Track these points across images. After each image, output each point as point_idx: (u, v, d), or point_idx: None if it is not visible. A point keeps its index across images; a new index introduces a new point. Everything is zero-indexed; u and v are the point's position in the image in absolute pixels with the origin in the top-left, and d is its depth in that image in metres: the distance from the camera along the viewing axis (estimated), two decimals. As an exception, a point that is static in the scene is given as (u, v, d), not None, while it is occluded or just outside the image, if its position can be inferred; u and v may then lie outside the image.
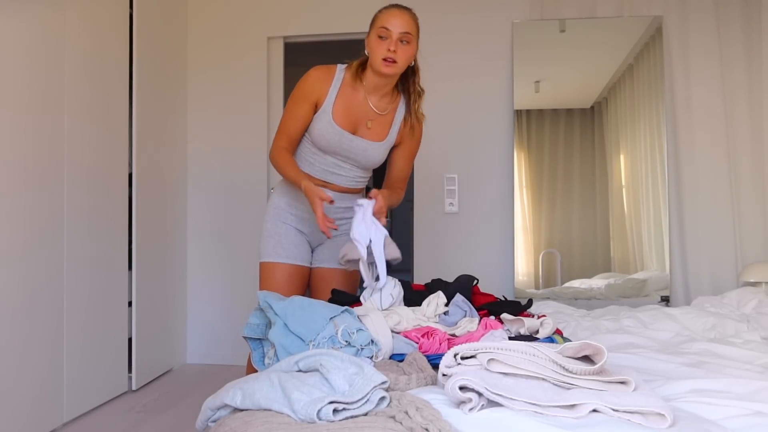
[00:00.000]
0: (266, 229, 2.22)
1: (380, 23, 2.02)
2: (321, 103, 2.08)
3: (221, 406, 1.35)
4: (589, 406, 1.17)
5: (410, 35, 2.03)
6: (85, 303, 2.99)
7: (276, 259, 2.17)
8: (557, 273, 3.73)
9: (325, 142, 2.10)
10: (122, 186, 3.34)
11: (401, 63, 2.03)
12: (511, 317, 1.83)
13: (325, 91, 2.07)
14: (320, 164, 2.17)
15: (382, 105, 2.14)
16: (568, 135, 3.79)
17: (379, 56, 2.01)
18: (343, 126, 2.09)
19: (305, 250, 2.23)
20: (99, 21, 3.14)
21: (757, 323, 2.32)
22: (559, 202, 3.78)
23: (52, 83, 2.78)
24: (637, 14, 3.68)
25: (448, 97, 3.86)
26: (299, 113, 2.10)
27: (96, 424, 2.91)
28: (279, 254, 2.17)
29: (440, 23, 3.87)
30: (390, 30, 1.99)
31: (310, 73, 2.10)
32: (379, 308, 1.88)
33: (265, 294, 1.77)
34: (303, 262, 2.21)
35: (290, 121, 2.12)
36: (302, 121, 2.11)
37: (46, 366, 2.72)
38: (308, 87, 2.08)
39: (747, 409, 1.29)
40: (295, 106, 2.10)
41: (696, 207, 3.60)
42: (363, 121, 2.11)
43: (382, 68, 2.02)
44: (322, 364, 1.32)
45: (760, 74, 3.58)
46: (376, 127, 2.14)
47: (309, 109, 2.09)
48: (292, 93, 2.12)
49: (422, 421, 1.11)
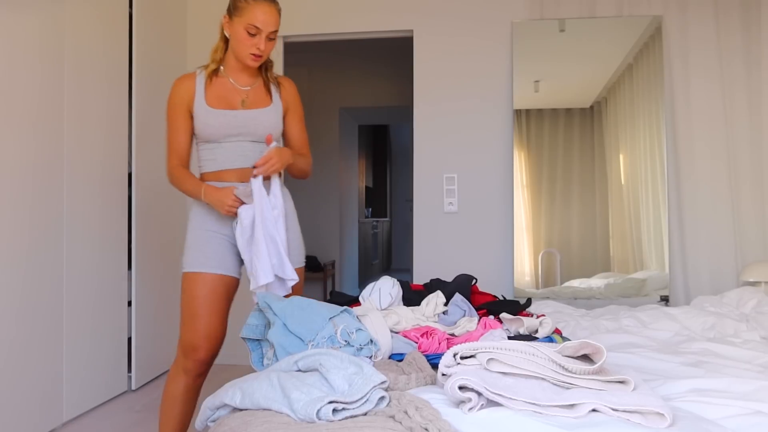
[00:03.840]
0: (188, 238, 2.12)
1: (250, 19, 2.00)
2: (193, 104, 2.09)
3: (221, 405, 1.35)
4: (588, 405, 1.17)
5: (276, 32, 2.08)
6: (85, 303, 2.99)
7: (198, 268, 2.05)
8: (557, 272, 3.73)
9: (212, 129, 2.08)
10: (122, 186, 3.34)
11: (266, 56, 2.12)
12: (510, 317, 1.83)
13: (191, 91, 2.09)
14: (222, 155, 2.11)
15: (249, 81, 2.17)
16: (567, 134, 3.79)
17: (247, 51, 2.05)
18: (221, 107, 2.09)
19: (232, 260, 2.11)
20: (99, 21, 3.14)
21: (757, 323, 2.32)
22: (559, 202, 3.78)
23: (52, 83, 2.78)
24: (637, 14, 3.68)
25: (447, 97, 3.86)
26: (180, 125, 2.10)
27: (96, 423, 2.92)
28: (201, 263, 2.06)
29: (440, 23, 3.87)
30: (261, 29, 2.02)
31: (174, 86, 2.12)
32: (378, 308, 1.88)
33: (264, 294, 1.77)
34: (229, 271, 2.09)
35: (174, 137, 2.11)
36: (185, 131, 2.11)
37: (46, 365, 2.72)
38: (177, 97, 2.10)
39: (746, 409, 1.29)
40: (173, 120, 2.11)
41: (695, 206, 3.60)
42: (237, 100, 2.12)
43: (250, 62, 2.08)
44: (322, 364, 1.32)
45: (760, 72, 3.58)
46: (252, 98, 2.14)
47: (187, 117, 2.10)
48: (166, 113, 2.14)
49: (422, 421, 1.11)
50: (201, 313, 2.03)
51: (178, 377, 2.06)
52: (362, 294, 1.98)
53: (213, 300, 2.05)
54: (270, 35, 2.05)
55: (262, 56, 2.08)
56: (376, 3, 3.95)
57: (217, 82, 2.12)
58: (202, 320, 2.03)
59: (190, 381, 2.06)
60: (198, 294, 2.04)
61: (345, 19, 3.98)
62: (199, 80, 2.11)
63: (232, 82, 2.13)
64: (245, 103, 2.12)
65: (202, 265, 2.06)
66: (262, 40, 2.03)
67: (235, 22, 2.04)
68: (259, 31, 2.02)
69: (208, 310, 2.04)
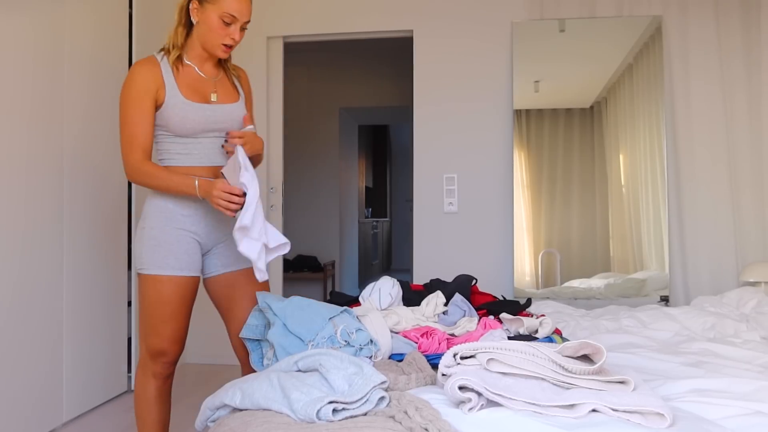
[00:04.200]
0: (152, 236, 1.91)
1: (227, 8, 1.87)
2: (162, 93, 1.90)
3: (220, 406, 1.35)
4: (588, 405, 1.17)
5: (248, 22, 1.95)
6: (84, 303, 2.99)
7: (167, 271, 1.89)
8: (557, 273, 3.73)
9: (192, 123, 1.92)
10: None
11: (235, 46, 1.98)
12: (510, 317, 1.83)
13: (159, 80, 1.90)
14: (199, 150, 1.97)
15: (213, 72, 2.02)
16: (567, 135, 3.79)
17: (219, 41, 1.91)
18: (197, 101, 1.94)
19: (197, 259, 1.97)
20: (99, 21, 3.14)
21: (757, 323, 2.32)
22: (559, 202, 3.78)
23: (52, 83, 2.78)
24: (637, 14, 3.68)
25: (447, 97, 3.86)
26: (145, 115, 1.89)
27: (96, 423, 2.91)
28: (171, 265, 1.90)
29: (440, 23, 3.87)
30: (237, 19, 1.89)
31: (136, 71, 1.91)
32: (378, 308, 1.88)
33: (264, 294, 1.77)
34: (195, 272, 1.96)
35: (138, 128, 1.88)
36: (150, 122, 1.90)
37: (46, 366, 2.72)
38: (142, 84, 1.88)
39: (746, 409, 1.29)
40: (137, 110, 1.88)
41: (695, 207, 3.60)
42: (208, 91, 1.98)
43: (221, 53, 1.95)
44: (322, 364, 1.32)
45: (760, 73, 3.58)
46: (221, 91, 2.01)
47: (152, 107, 1.90)
48: (123, 101, 1.91)
49: (421, 421, 1.11)
50: (172, 318, 1.92)
51: (147, 382, 1.98)
52: (362, 294, 1.98)
53: (184, 304, 1.94)
54: (244, 25, 1.95)
55: (233, 47, 1.95)
56: (376, 3, 3.95)
57: (184, 72, 1.95)
58: (172, 325, 1.92)
59: (160, 383, 1.99)
60: (170, 299, 1.90)
61: (345, 19, 3.98)
62: (165, 68, 1.92)
63: (199, 72, 1.98)
64: (217, 97, 1.99)
65: (174, 268, 1.90)
66: (236, 30, 1.92)
67: (207, 9, 1.89)
68: (235, 20, 1.90)
69: (179, 315, 1.93)
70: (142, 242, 1.93)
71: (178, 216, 1.93)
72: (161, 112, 1.91)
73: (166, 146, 1.96)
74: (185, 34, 1.96)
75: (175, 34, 1.96)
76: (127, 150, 1.89)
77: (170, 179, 1.88)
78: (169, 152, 1.96)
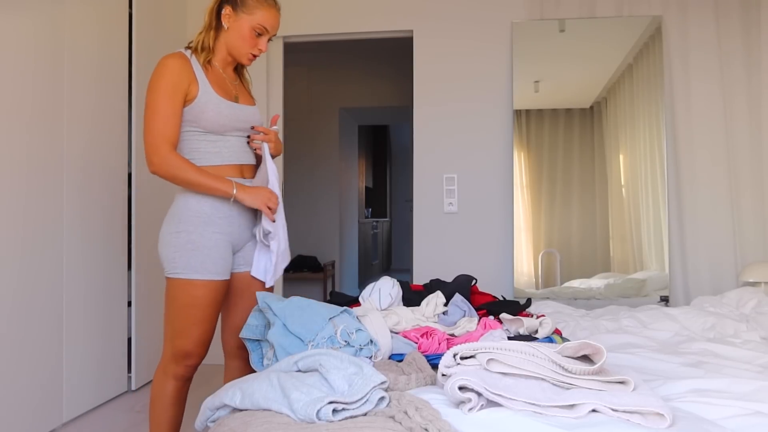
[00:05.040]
0: (190, 240, 1.89)
1: (261, 20, 1.96)
2: (194, 89, 1.92)
3: (220, 406, 1.35)
4: (588, 406, 1.17)
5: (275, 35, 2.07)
6: (84, 303, 2.99)
7: (204, 275, 1.89)
8: (556, 273, 3.73)
9: (225, 119, 1.95)
10: (122, 186, 3.34)
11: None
12: (510, 317, 1.83)
13: (191, 75, 1.92)
14: (228, 149, 2.00)
15: (233, 75, 2.11)
16: (567, 135, 3.79)
17: (248, 50, 2.00)
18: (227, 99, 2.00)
19: (230, 262, 1.99)
20: (99, 21, 3.14)
21: (756, 323, 2.32)
22: (559, 202, 3.78)
23: (52, 83, 2.78)
24: (637, 14, 3.68)
25: (447, 97, 3.86)
26: (175, 107, 1.88)
27: (96, 424, 2.91)
28: (209, 270, 1.90)
29: (440, 23, 3.87)
30: (269, 31, 2.00)
31: (168, 63, 1.90)
32: (378, 308, 1.88)
33: (264, 295, 1.77)
34: (228, 275, 1.99)
35: (167, 121, 1.87)
36: (179, 116, 1.90)
37: (46, 366, 2.72)
38: (175, 77, 1.88)
39: (746, 409, 1.29)
40: (168, 101, 1.87)
41: (695, 207, 3.61)
42: (232, 92, 2.05)
43: (245, 61, 2.04)
44: (322, 364, 1.32)
45: (760, 73, 3.58)
46: (240, 94, 2.09)
47: (182, 101, 1.90)
48: (153, 92, 1.89)
49: (421, 421, 1.11)
50: (202, 321, 1.93)
51: (167, 383, 1.98)
52: (362, 294, 1.98)
53: (215, 307, 1.96)
54: (271, 37, 2.04)
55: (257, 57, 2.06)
56: (376, 3, 3.95)
57: (211, 71, 2.00)
58: (202, 328, 1.93)
59: (180, 385, 1.99)
60: (203, 303, 1.91)
61: (345, 19, 3.98)
62: (195, 65, 1.95)
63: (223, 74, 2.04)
64: (238, 98, 2.05)
65: (211, 273, 1.91)
66: (265, 41, 2.01)
67: (241, 17, 1.95)
68: (266, 32, 1.99)
69: (210, 318, 1.94)
70: (176, 246, 1.90)
71: (216, 219, 1.93)
72: (192, 108, 1.91)
73: (196, 144, 1.96)
74: (215, 38, 2.00)
75: (207, 36, 1.99)
76: (154, 141, 1.86)
77: (203, 174, 1.89)
78: (199, 151, 1.96)
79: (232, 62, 2.07)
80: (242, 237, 2.02)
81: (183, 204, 1.95)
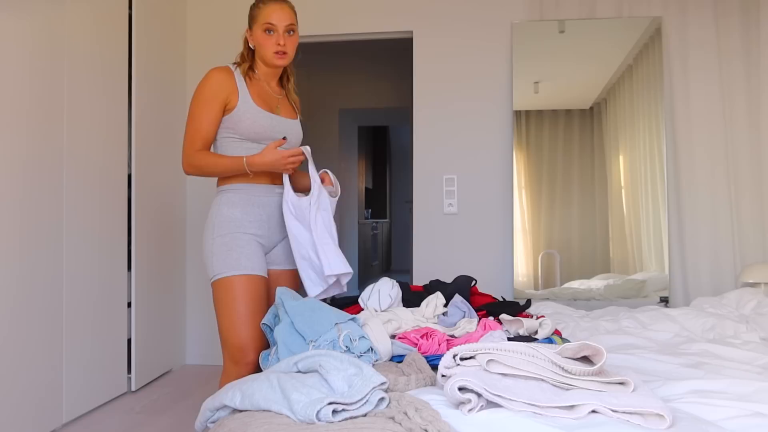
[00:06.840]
0: (223, 242, 2.02)
1: (264, 19, 2.08)
2: (234, 99, 2.07)
3: (220, 407, 1.35)
4: (588, 406, 1.17)
5: (294, 25, 2.13)
6: (84, 304, 2.99)
7: (240, 271, 1.99)
8: (556, 274, 3.73)
9: (260, 128, 2.09)
10: (121, 186, 3.34)
11: (290, 53, 2.15)
12: (509, 318, 1.83)
13: (233, 87, 2.08)
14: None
15: (278, 89, 2.23)
16: (567, 136, 3.79)
17: (270, 50, 2.10)
18: (266, 110, 2.13)
19: (263, 260, 2.09)
20: (99, 21, 3.14)
21: (756, 324, 2.32)
22: (558, 203, 3.78)
23: (52, 83, 2.78)
24: (637, 15, 3.69)
25: (447, 98, 3.86)
26: (211, 114, 2.06)
27: (95, 424, 2.91)
28: (243, 265, 2.00)
29: (439, 24, 3.87)
30: (276, 25, 2.08)
31: (212, 75, 2.08)
32: (378, 309, 1.88)
33: (283, 291, 1.80)
34: (264, 272, 2.07)
35: (203, 125, 2.06)
36: (215, 122, 2.07)
37: (46, 367, 2.71)
38: (216, 87, 2.06)
39: (746, 410, 1.29)
40: (206, 107, 2.06)
41: (695, 208, 3.61)
42: (274, 104, 2.17)
43: (276, 61, 2.12)
44: (322, 365, 1.32)
45: (759, 74, 3.58)
46: (283, 107, 2.20)
47: (220, 110, 2.07)
48: (195, 101, 2.08)
49: (421, 422, 1.11)
50: (249, 316, 1.96)
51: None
52: (362, 296, 1.98)
53: (258, 303, 1.99)
54: (288, 28, 2.10)
55: (286, 52, 2.11)
56: (376, 4, 3.96)
57: (256, 84, 2.14)
58: (249, 323, 1.96)
59: None
60: (245, 298, 1.97)
61: (345, 20, 3.98)
62: (238, 77, 2.10)
63: (267, 87, 2.17)
64: (279, 110, 2.16)
65: (246, 268, 1.99)
66: (280, 35, 2.08)
67: (254, 29, 2.11)
68: (275, 26, 2.07)
69: (255, 314, 1.97)
70: (213, 251, 2.02)
71: (245, 223, 2.06)
72: (231, 116, 2.07)
73: (234, 151, 2.09)
74: (252, 56, 2.17)
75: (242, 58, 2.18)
76: (189, 143, 2.07)
77: (220, 160, 2.04)
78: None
79: (274, 76, 2.19)
80: (272, 239, 2.13)
81: (216, 212, 2.09)
